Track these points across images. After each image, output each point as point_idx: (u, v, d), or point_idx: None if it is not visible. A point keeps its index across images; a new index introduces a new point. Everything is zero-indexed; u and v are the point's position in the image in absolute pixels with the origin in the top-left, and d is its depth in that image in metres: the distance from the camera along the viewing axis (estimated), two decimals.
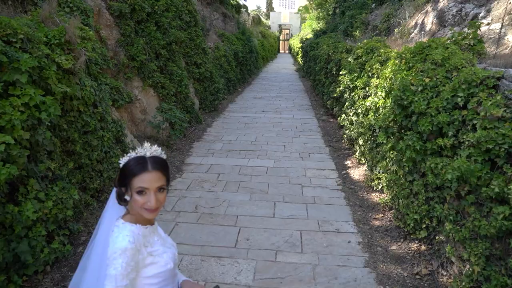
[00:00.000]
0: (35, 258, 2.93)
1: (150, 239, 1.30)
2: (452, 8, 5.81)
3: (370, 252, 3.61)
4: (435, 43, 3.81)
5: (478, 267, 2.58)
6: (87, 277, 1.36)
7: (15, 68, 2.80)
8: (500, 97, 2.63)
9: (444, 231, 3.05)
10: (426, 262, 3.36)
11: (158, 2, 7.18)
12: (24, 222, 2.80)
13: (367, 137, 5.37)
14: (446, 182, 2.95)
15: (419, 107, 3.34)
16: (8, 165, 2.57)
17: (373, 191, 4.93)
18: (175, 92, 7.48)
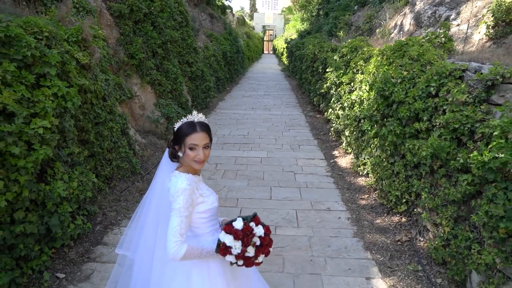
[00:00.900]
0: (63, 232, 3.27)
1: (199, 185, 1.70)
2: (427, 10, 6.40)
3: (358, 225, 4.10)
4: (411, 41, 4.34)
5: (448, 227, 3.09)
6: (148, 219, 1.75)
7: (45, 62, 3.14)
8: (464, 85, 3.15)
9: (421, 202, 3.56)
10: (406, 231, 3.86)
11: (154, 3, 7.52)
12: (54, 199, 3.14)
13: (352, 128, 5.88)
14: (422, 159, 3.45)
15: (399, 97, 3.85)
16: (44, 147, 2.92)
17: (359, 176, 5.43)
18: (170, 89, 7.82)
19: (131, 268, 1.85)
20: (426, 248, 3.50)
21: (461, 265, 2.89)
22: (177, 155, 1.69)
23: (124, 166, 4.96)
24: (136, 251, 1.79)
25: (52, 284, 3.01)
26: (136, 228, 1.83)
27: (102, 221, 4.02)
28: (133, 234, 1.88)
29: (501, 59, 3.36)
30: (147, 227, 1.76)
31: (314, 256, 3.49)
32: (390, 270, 3.30)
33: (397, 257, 3.50)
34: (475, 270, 2.69)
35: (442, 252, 3.12)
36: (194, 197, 1.63)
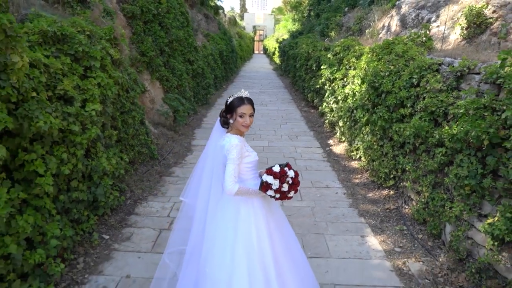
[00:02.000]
0: (105, 202, 3.85)
1: (244, 143, 2.30)
2: (412, 13, 7.13)
3: (353, 198, 4.76)
4: (397, 41, 5.02)
5: (427, 193, 3.77)
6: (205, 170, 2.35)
7: (91, 56, 3.71)
8: (439, 76, 3.83)
9: (406, 176, 4.24)
10: (393, 201, 4.54)
11: (161, 5, 8.07)
12: (99, 172, 3.72)
13: (346, 119, 6.56)
14: (407, 139, 4.13)
15: (387, 87, 4.53)
16: (94, 127, 3.49)
17: (352, 160, 6.11)
18: (176, 85, 8.39)
19: (191, 217, 2.42)
20: (410, 213, 4.18)
21: (437, 221, 3.58)
22: (228, 122, 2.30)
23: (144, 152, 5.53)
24: (200, 197, 2.38)
25: (100, 242, 3.58)
26: (194, 178, 2.43)
27: (131, 196, 4.59)
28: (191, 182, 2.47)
29: (470, 55, 4.06)
30: (205, 177, 2.36)
31: (317, 221, 4.14)
32: (380, 230, 3.97)
33: (386, 221, 4.17)
34: (447, 222, 3.37)
35: (422, 213, 3.80)
36: (242, 151, 2.23)
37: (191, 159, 6.27)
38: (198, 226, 2.36)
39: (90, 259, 3.33)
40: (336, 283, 3.06)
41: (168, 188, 5.01)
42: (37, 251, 2.69)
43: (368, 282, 3.11)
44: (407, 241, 3.74)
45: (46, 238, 2.82)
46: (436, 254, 3.46)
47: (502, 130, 2.70)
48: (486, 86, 3.14)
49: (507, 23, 4.74)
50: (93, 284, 3.01)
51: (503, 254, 2.74)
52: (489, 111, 2.87)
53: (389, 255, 3.51)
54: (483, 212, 3.03)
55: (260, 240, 2.23)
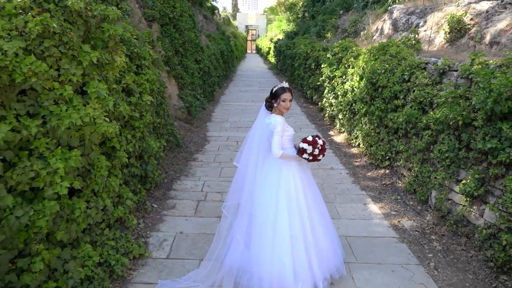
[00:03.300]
0: (152, 178, 4.62)
1: (285, 121, 3.11)
2: (402, 18, 8.02)
3: (355, 177, 5.62)
4: (391, 43, 5.89)
5: (417, 168, 4.64)
6: (254, 142, 3.15)
7: (140, 56, 4.48)
8: (426, 73, 4.70)
9: (399, 156, 5.11)
10: (389, 178, 5.42)
11: (176, 9, 8.83)
12: (149, 152, 4.49)
13: (345, 112, 7.42)
14: (400, 125, 4.99)
15: (383, 82, 5.39)
16: (148, 114, 4.26)
17: (352, 147, 6.98)
18: (189, 82, 9.15)
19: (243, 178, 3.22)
20: (402, 187, 5.05)
21: (425, 189, 4.45)
22: (273, 105, 3.10)
23: (171, 140, 6.30)
24: (249, 163, 3.18)
25: (152, 210, 4.36)
26: (245, 148, 3.23)
27: (167, 176, 5.37)
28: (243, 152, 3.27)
29: (451, 56, 4.94)
30: (254, 147, 3.15)
31: (327, 194, 4.98)
32: (379, 199, 4.83)
33: (383, 193, 5.04)
34: (432, 188, 4.25)
35: (413, 184, 4.67)
36: (284, 127, 3.04)
37: (209, 147, 7.06)
38: (250, 183, 3.16)
39: (148, 221, 4.11)
40: (347, 235, 3.90)
41: (196, 170, 5.80)
42: (118, 208, 3.47)
43: (371, 234, 3.96)
44: (400, 207, 4.60)
45: (122, 199, 3.60)
46: (424, 215, 4.33)
47: (472, 113, 3.58)
48: (461, 81, 4.02)
49: (481, 29, 5.64)
50: (155, 238, 3.80)
51: (473, 207, 3.61)
52: (463, 99, 3.74)
53: (387, 216, 4.37)
54: (460, 178, 3.90)
55: (297, 191, 3.05)
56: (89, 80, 2.73)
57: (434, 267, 3.38)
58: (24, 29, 2.28)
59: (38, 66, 2.21)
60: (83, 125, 2.52)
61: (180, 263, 3.38)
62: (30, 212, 2.14)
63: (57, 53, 2.44)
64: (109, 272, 3.04)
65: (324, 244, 3.14)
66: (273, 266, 2.93)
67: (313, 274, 2.98)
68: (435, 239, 3.83)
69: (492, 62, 3.61)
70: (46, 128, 2.35)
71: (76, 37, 2.55)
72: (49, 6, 2.47)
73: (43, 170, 2.22)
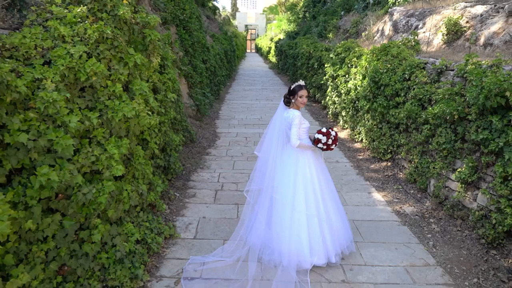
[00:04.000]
0: (174, 169, 5.02)
1: (302, 115, 3.51)
2: (402, 20, 8.43)
3: (359, 169, 6.04)
4: (392, 44, 6.30)
5: (417, 159, 5.06)
6: (274, 134, 3.55)
7: (164, 57, 4.88)
8: (425, 72, 5.11)
9: (400, 149, 5.53)
10: (390, 170, 5.83)
11: (185, 11, 9.22)
12: (171, 145, 4.90)
13: (348, 109, 7.83)
14: (401, 120, 5.41)
15: (385, 81, 5.80)
16: (171, 110, 4.66)
17: (355, 142, 7.39)
18: (198, 81, 9.55)
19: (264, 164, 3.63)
20: (403, 177, 5.47)
21: (424, 179, 4.86)
22: (291, 101, 3.50)
23: (186, 135, 6.70)
24: (270, 152, 3.58)
25: (175, 198, 4.76)
26: (265, 139, 3.63)
27: (184, 169, 5.77)
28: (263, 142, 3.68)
29: (447, 57, 5.35)
30: (274, 139, 3.56)
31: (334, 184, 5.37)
32: (382, 189, 5.25)
33: (386, 183, 5.45)
34: (431, 177, 4.67)
35: (413, 174, 5.09)
36: (301, 120, 3.44)
37: (220, 143, 7.47)
38: (270, 170, 3.57)
39: (172, 207, 4.51)
40: (354, 219, 4.31)
41: (210, 163, 6.20)
42: (150, 194, 3.87)
43: (376, 218, 4.37)
44: (402, 195, 5.02)
45: (153, 186, 4.00)
46: (423, 201, 4.75)
47: (466, 108, 3.99)
48: (457, 79, 4.43)
49: (476, 31, 6.05)
50: (181, 221, 4.20)
51: (467, 193, 4.03)
52: (458, 96, 4.15)
53: (390, 203, 4.78)
54: (455, 167, 4.31)
55: (312, 177, 3.46)
56: (132, 79, 3.13)
57: (432, 245, 3.80)
58: (84, 35, 2.68)
59: (97, 67, 2.61)
60: (130, 118, 2.93)
61: (206, 242, 3.78)
62: (93, 190, 2.55)
63: (109, 56, 2.84)
64: (146, 248, 3.44)
65: (336, 224, 3.55)
66: (292, 241, 3.34)
67: (326, 249, 3.39)
68: (434, 222, 4.25)
69: (484, 63, 4.02)
70: (101, 120, 2.76)
71: (123, 42, 2.95)
72: (102, 15, 2.87)
73: (102, 155, 2.62)
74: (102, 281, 2.87)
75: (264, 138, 3.70)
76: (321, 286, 3.15)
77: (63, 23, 2.68)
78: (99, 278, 2.84)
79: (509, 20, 5.51)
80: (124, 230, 3.19)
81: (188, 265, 3.38)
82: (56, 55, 2.46)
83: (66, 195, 2.48)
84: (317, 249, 3.34)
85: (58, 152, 2.28)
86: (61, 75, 2.44)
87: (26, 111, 2.19)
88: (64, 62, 2.44)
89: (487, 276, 3.26)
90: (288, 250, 3.33)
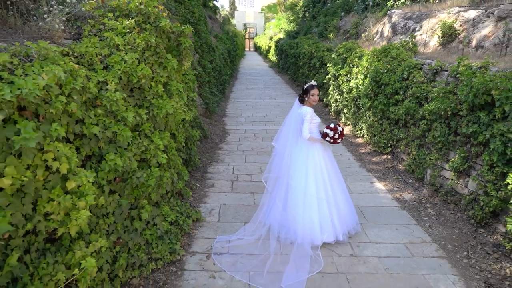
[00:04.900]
0: (193, 161, 5.51)
1: (313, 112, 4.00)
2: (401, 22, 8.93)
3: (361, 162, 6.55)
4: (392, 46, 6.80)
5: (414, 151, 5.57)
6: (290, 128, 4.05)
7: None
8: (422, 72, 5.61)
9: (399, 143, 6.04)
10: (390, 162, 6.34)
11: (194, 14, 9.68)
12: (193, 139, 5.38)
13: (350, 106, 8.33)
14: (400, 116, 5.91)
15: (385, 80, 6.30)
16: (194, 109, 5.15)
17: (356, 138, 7.90)
18: (207, 81, 10.02)
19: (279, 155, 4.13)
20: (402, 169, 5.98)
21: (421, 169, 5.37)
22: (304, 99, 3.99)
23: (200, 132, 7.18)
24: (286, 144, 4.08)
25: (196, 188, 5.25)
26: (282, 133, 4.13)
27: (201, 162, 6.26)
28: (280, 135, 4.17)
29: (442, 58, 5.86)
30: (290, 132, 4.05)
31: None
32: (383, 179, 5.76)
33: (386, 174, 5.96)
34: (428, 167, 5.18)
35: (411, 165, 5.60)
36: (312, 116, 3.93)
37: (231, 139, 7.96)
38: (286, 160, 4.07)
39: (195, 196, 5.00)
40: (359, 205, 4.82)
41: (224, 157, 6.70)
42: (179, 182, 4.36)
43: (378, 204, 4.88)
44: (401, 184, 5.53)
45: (180, 176, 4.49)
46: (420, 190, 5.26)
47: (458, 105, 4.49)
48: (451, 79, 4.93)
49: (469, 34, 6.56)
50: (204, 208, 4.69)
51: (459, 180, 4.54)
52: (451, 94, 4.66)
53: (390, 191, 5.29)
54: (449, 158, 4.82)
55: (321, 166, 3.95)
56: (169, 81, 3.62)
57: (429, 226, 4.31)
58: (134, 44, 3.16)
59: (146, 71, 3.09)
60: (170, 114, 3.41)
61: (229, 225, 4.28)
62: (144, 175, 3.03)
63: (153, 61, 3.33)
64: (179, 229, 3.93)
65: (343, 207, 4.05)
66: (305, 221, 3.84)
67: (335, 229, 3.89)
68: (430, 207, 4.76)
69: (474, 64, 4.53)
70: (147, 116, 3.24)
71: (163, 48, 3.44)
72: (146, 26, 3.35)
73: (150, 145, 3.11)
74: (147, 254, 3.36)
75: (280, 132, 4.19)
76: (333, 259, 3.66)
77: (115, 34, 3.16)
78: (145, 251, 3.33)
79: (498, 24, 6.02)
80: (162, 212, 3.68)
81: (216, 243, 3.87)
82: (113, 61, 2.94)
83: (122, 179, 2.97)
84: (327, 228, 3.84)
85: (120, 142, 2.76)
86: (118, 78, 2.92)
87: (95, 108, 2.68)
88: (120, 67, 2.92)
89: (475, 250, 3.77)
90: (302, 229, 3.83)
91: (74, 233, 2.20)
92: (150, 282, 3.20)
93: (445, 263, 3.59)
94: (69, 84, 2.22)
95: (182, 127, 4.85)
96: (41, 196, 2.07)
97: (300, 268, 3.43)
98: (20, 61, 2.10)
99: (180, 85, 3.58)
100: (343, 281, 3.30)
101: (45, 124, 2.00)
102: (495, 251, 3.68)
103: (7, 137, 1.78)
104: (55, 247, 2.24)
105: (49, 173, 2.10)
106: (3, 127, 1.77)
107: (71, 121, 2.36)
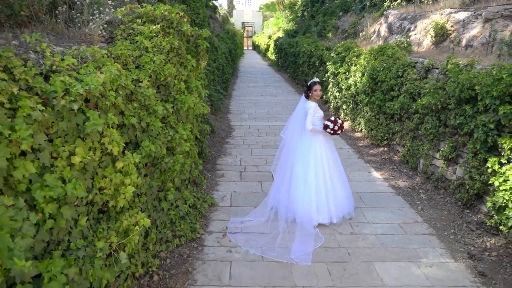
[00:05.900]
0: (205, 153, 5.96)
1: (317, 106, 4.45)
2: (396, 22, 9.39)
3: (359, 153, 7.01)
4: (388, 45, 7.26)
5: (408, 143, 6.04)
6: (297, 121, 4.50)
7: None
8: (415, 70, 6.08)
9: (394, 136, 6.51)
10: (387, 154, 6.81)
11: (199, 15, 10.11)
12: (204, 133, 5.83)
13: (349, 103, 8.79)
14: (395, 111, 6.38)
15: (381, 78, 6.77)
16: (206, 106, 5.59)
17: (355, 132, 8.37)
18: (212, 79, 10.46)
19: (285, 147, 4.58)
20: (398, 160, 6.45)
21: (415, 159, 5.85)
22: (309, 94, 4.44)
23: (208, 127, 7.62)
24: (293, 135, 4.53)
25: (207, 177, 5.70)
26: (289, 125, 4.58)
27: (210, 154, 6.71)
28: (288, 127, 4.63)
29: (434, 57, 6.33)
30: (297, 124, 4.49)
31: None
32: (380, 169, 6.23)
33: (383, 164, 6.44)
34: (420, 157, 5.65)
35: (406, 155, 6.07)
36: (315, 110, 4.38)
37: (236, 134, 8.41)
38: (292, 150, 4.52)
39: (208, 184, 5.46)
40: (358, 192, 5.28)
41: (231, 150, 7.15)
42: (195, 171, 4.81)
43: (375, 191, 5.35)
44: (396, 173, 6.00)
45: (196, 165, 4.94)
46: (414, 178, 5.73)
47: (447, 99, 4.96)
48: (441, 76, 5.40)
49: (459, 34, 7.02)
50: (217, 194, 5.15)
51: (449, 168, 5.01)
52: (441, 89, 5.12)
53: (386, 180, 5.76)
54: (439, 148, 5.29)
55: (321, 156, 4.41)
56: (188, 78, 4.06)
57: (421, 209, 4.78)
58: (160, 46, 3.61)
59: (171, 70, 3.54)
60: (191, 108, 3.86)
61: (241, 209, 4.73)
62: (171, 160, 3.48)
63: (176, 61, 3.77)
64: (197, 211, 4.39)
65: (340, 194, 4.50)
66: (304, 204, 4.30)
67: (330, 212, 4.35)
68: (422, 192, 5.23)
69: (461, 63, 4.99)
70: (172, 109, 3.69)
71: (184, 50, 3.88)
72: (170, 31, 3.80)
73: (176, 135, 3.56)
74: (172, 231, 3.81)
75: (288, 124, 4.65)
76: (335, 236, 4.12)
77: (144, 37, 3.61)
78: (170, 229, 3.78)
79: (485, 25, 6.48)
80: (182, 196, 4.13)
81: (230, 224, 4.33)
82: (144, 62, 3.38)
83: (152, 164, 3.42)
84: (322, 211, 4.31)
85: (152, 131, 3.21)
86: (148, 76, 3.37)
87: (132, 102, 3.12)
88: (150, 67, 3.37)
89: (461, 228, 4.25)
90: (302, 210, 4.29)
91: (121, 205, 2.65)
92: (176, 255, 3.66)
93: (434, 239, 4.06)
94: (116, 81, 2.67)
95: (196, 121, 5.30)
96: (96, 173, 2.52)
97: (305, 243, 3.89)
98: (78, 62, 2.55)
99: (199, 82, 4.02)
100: (344, 254, 3.77)
101: (103, 113, 2.44)
102: (478, 228, 4.15)
103: (77, 123, 2.23)
104: (105, 217, 2.69)
105: (103, 155, 2.55)
106: (75, 115, 2.21)
107: (115, 113, 2.81)
